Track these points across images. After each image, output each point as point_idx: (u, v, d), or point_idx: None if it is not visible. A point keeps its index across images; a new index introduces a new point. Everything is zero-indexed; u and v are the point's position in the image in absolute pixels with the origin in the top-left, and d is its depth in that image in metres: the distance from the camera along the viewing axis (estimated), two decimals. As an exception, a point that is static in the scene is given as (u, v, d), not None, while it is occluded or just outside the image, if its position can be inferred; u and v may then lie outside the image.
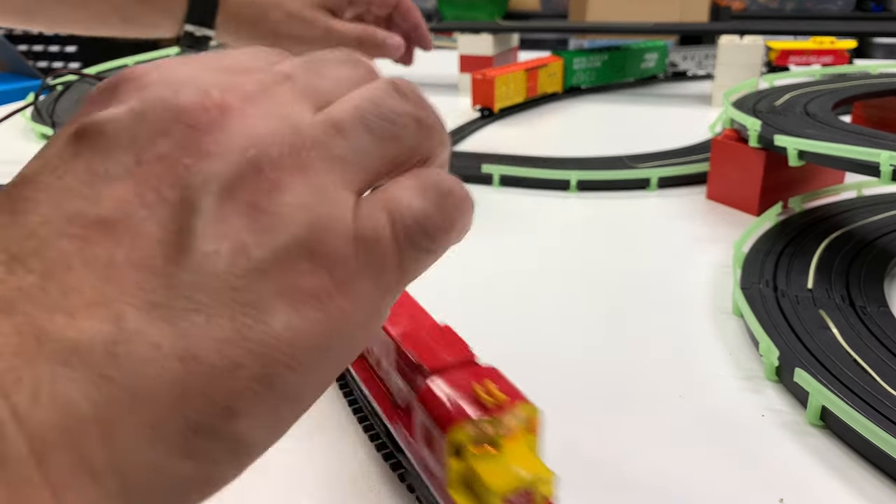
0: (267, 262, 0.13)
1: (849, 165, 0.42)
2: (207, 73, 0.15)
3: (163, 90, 0.14)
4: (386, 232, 0.15)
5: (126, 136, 0.14)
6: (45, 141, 0.77)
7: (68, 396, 0.11)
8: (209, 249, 0.13)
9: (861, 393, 0.29)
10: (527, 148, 0.71)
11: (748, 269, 0.41)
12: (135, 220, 0.13)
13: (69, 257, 0.12)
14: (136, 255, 0.13)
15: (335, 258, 0.14)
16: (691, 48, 1.12)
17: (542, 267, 0.47)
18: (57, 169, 0.14)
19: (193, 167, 0.13)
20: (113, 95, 0.15)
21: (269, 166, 0.14)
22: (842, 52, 0.97)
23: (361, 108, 0.16)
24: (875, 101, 0.66)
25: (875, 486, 0.27)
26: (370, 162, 0.15)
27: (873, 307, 0.37)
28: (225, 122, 0.14)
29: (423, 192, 0.16)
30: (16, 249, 0.13)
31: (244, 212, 0.13)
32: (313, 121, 0.15)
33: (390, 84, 0.16)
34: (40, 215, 0.13)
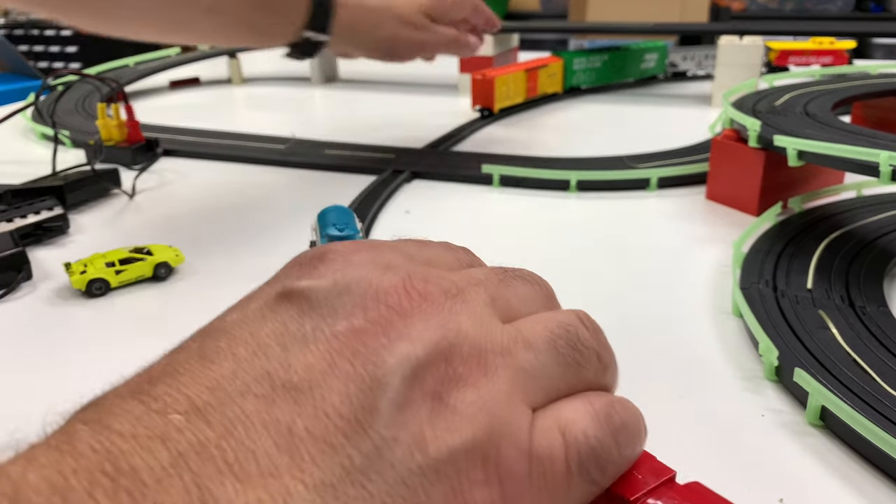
0: (442, 462, 0.13)
1: (848, 165, 0.42)
2: (411, 263, 0.16)
3: (370, 270, 0.15)
4: (560, 454, 0.14)
5: (328, 304, 0.14)
6: (46, 141, 0.77)
7: None
8: (389, 435, 0.13)
9: (861, 393, 0.29)
10: (527, 148, 0.71)
11: (748, 270, 0.41)
12: (322, 389, 0.13)
13: (250, 417, 0.12)
14: (317, 428, 0.13)
15: (509, 471, 0.13)
16: (691, 48, 1.12)
17: (542, 267, 0.47)
18: (254, 324, 0.14)
19: (389, 346, 0.14)
20: (319, 265, 0.16)
21: (458, 359, 0.14)
22: (841, 52, 0.97)
23: (553, 331, 0.16)
24: (874, 102, 0.66)
25: (875, 486, 0.27)
26: (551, 384, 0.15)
27: (873, 307, 0.37)
28: (424, 309, 0.15)
29: (598, 419, 0.15)
30: (199, 401, 0.13)
31: (428, 401, 0.13)
32: (504, 329, 0.15)
33: (579, 316, 0.17)
34: (229, 369, 0.13)
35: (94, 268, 0.42)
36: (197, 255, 0.47)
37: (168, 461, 0.11)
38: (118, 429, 0.12)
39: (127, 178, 0.62)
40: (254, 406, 0.13)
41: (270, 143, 0.74)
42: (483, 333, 0.15)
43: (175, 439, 0.12)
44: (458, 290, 0.16)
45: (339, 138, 0.76)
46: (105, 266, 0.42)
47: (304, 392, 0.13)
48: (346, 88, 1.09)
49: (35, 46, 1.96)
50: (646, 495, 0.17)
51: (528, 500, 0.14)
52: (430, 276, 0.16)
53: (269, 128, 0.80)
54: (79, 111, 0.87)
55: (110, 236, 0.52)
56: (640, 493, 0.17)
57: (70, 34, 1.94)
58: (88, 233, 0.53)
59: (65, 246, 0.50)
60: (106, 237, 0.52)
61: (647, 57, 1.07)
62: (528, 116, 0.90)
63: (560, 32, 2.04)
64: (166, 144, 0.71)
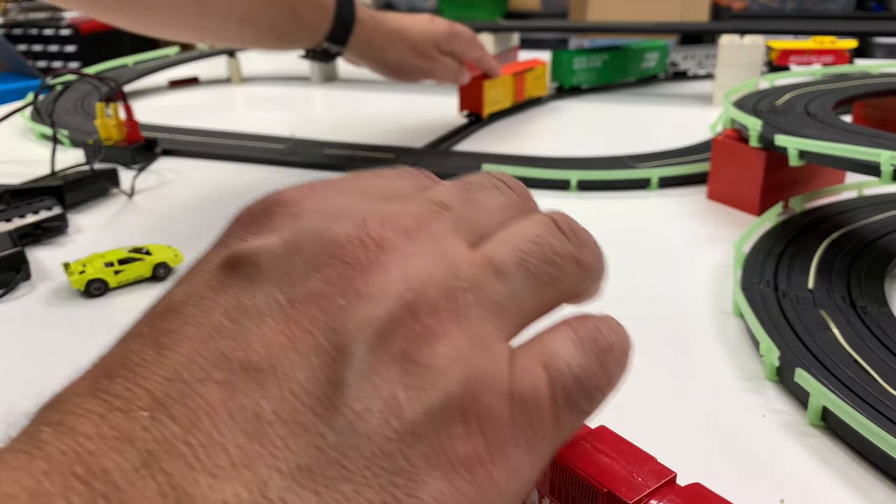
0: (420, 423, 0.12)
1: (849, 165, 0.42)
2: (363, 201, 0.15)
3: (318, 220, 0.14)
4: (544, 391, 0.14)
5: (279, 269, 0.13)
6: (44, 141, 0.77)
7: None
8: (360, 407, 0.12)
9: (862, 393, 0.29)
10: (527, 148, 0.71)
11: (749, 269, 0.41)
12: (284, 367, 0.12)
13: (214, 407, 0.12)
14: (285, 409, 0.12)
15: (491, 420, 0.13)
16: (692, 48, 1.12)
17: (543, 267, 0.47)
18: (204, 301, 0.13)
19: (348, 310, 0.13)
20: (264, 219, 0.15)
21: (426, 311, 0.13)
22: (842, 51, 0.97)
23: (521, 248, 0.15)
24: (876, 101, 0.66)
25: (876, 487, 0.27)
26: (527, 308, 0.15)
27: (874, 307, 0.37)
28: (382, 259, 0.13)
29: (583, 346, 0.15)
30: (160, 393, 0.12)
31: (398, 363, 0.13)
32: (472, 259, 0.14)
33: (551, 220, 0.16)
34: (185, 354, 0.12)
35: (92, 268, 0.42)
36: (196, 254, 0.47)
37: (139, 462, 0.11)
38: (83, 430, 0.11)
39: (126, 178, 0.62)
40: (216, 394, 0.12)
41: (270, 143, 0.74)
42: (449, 271, 0.14)
43: (142, 438, 0.11)
44: (419, 224, 0.14)
45: (338, 138, 0.76)
46: (104, 266, 0.42)
47: (265, 372, 0.12)
48: (346, 88, 1.09)
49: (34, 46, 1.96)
50: (647, 497, 0.17)
51: (514, 443, 0.13)
52: (386, 217, 0.14)
53: (268, 127, 0.80)
54: (78, 111, 0.87)
55: (109, 236, 0.52)
56: (641, 495, 0.17)
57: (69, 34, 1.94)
58: (87, 233, 0.53)
59: (63, 246, 0.50)
60: (105, 237, 0.52)
61: (647, 56, 1.07)
62: (528, 116, 0.90)
63: (560, 32, 2.04)
64: (165, 144, 0.71)
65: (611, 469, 0.18)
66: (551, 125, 0.87)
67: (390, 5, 2.68)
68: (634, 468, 0.18)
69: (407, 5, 2.66)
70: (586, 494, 0.18)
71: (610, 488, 0.17)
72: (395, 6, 2.67)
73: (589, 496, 0.18)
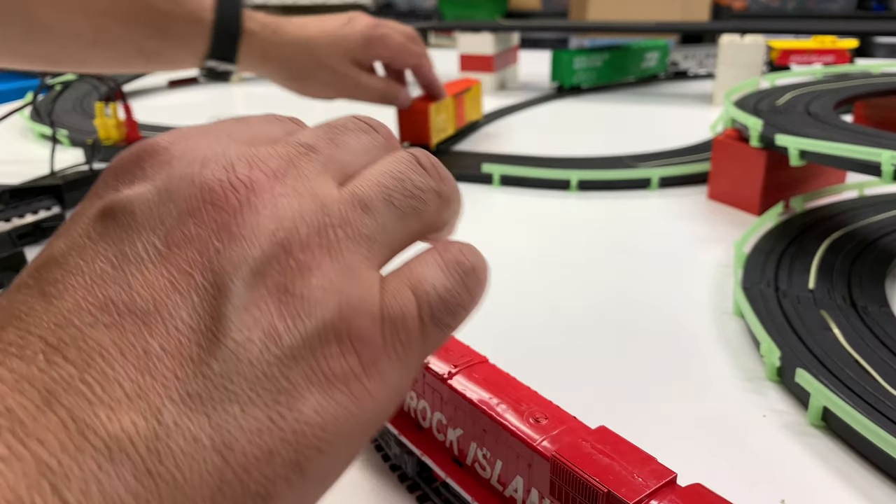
0: (297, 348, 0.13)
1: (850, 165, 0.42)
2: (231, 146, 0.15)
3: (188, 167, 0.15)
4: (412, 311, 0.15)
5: (154, 216, 0.14)
6: (44, 140, 0.77)
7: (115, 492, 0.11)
8: (241, 338, 0.13)
9: (862, 393, 0.29)
10: (527, 148, 0.71)
11: (749, 269, 0.41)
12: (167, 307, 0.13)
13: (105, 347, 0.13)
14: (171, 345, 0.13)
15: (363, 340, 0.14)
16: (692, 47, 1.12)
17: (542, 267, 0.47)
18: (85, 250, 0.14)
19: (223, 251, 0.14)
20: (136, 169, 0.15)
21: (297, 247, 0.14)
22: (843, 51, 0.97)
23: (385, 184, 0.16)
24: (876, 101, 0.66)
25: (876, 487, 0.27)
26: (394, 238, 0.16)
27: (875, 307, 0.37)
28: (252, 201, 0.14)
29: (447, 269, 0.16)
30: (52, 339, 0.13)
31: (274, 295, 0.14)
32: (340, 197, 0.15)
33: (412, 157, 0.17)
34: (72, 301, 0.13)
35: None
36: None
37: (40, 399, 0.12)
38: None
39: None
40: (106, 336, 0.13)
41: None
42: (318, 209, 0.15)
43: (41, 379, 0.12)
44: (287, 165, 0.15)
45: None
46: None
47: (150, 314, 0.13)
48: (347, 87, 1.09)
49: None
50: (647, 498, 0.17)
51: (386, 358, 0.15)
52: (254, 159, 0.15)
53: (268, 127, 0.80)
54: (77, 110, 0.87)
55: (109, 236, 0.52)
56: (642, 495, 0.17)
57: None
58: (87, 232, 0.52)
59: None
60: (104, 237, 0.51)
61: (648, 56, 1.07)
62: (527, 116, 0.90)
63: (560, 31, 2.04)
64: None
65: (611, 469, 0.18)
66: (551, 125, 0.87)
67: (390, 5, 2.68)
68: (635, 468, 0.18)
69: (407, 5, 2.66)
70: (587, 495, 0.18)
71: (610, 489, 0.17)
72: (396, 5, 2.67)
73: (589, 497, 0.18)
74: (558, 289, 0.43)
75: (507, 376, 0.23)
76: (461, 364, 0.23)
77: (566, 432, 0.20)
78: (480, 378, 0.22)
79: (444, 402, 0.23)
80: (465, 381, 0.22)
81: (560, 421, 0.20)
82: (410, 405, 0.25)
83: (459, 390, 0.22)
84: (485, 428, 0.21)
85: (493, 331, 0.38)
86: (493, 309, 0.41)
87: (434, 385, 0.23)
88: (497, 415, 0.21)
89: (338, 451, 0.14)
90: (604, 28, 1.32)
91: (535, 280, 0.45)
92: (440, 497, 0.25)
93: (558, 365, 0.35)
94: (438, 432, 0.24)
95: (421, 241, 0.17)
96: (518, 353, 0.36)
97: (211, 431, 0.13)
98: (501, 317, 0.40)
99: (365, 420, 0.14)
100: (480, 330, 0.29)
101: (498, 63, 1.02)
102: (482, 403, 0.21)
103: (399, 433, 0.25)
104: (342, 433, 0.14)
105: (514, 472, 0.21)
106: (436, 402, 0.23)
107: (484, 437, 0.21)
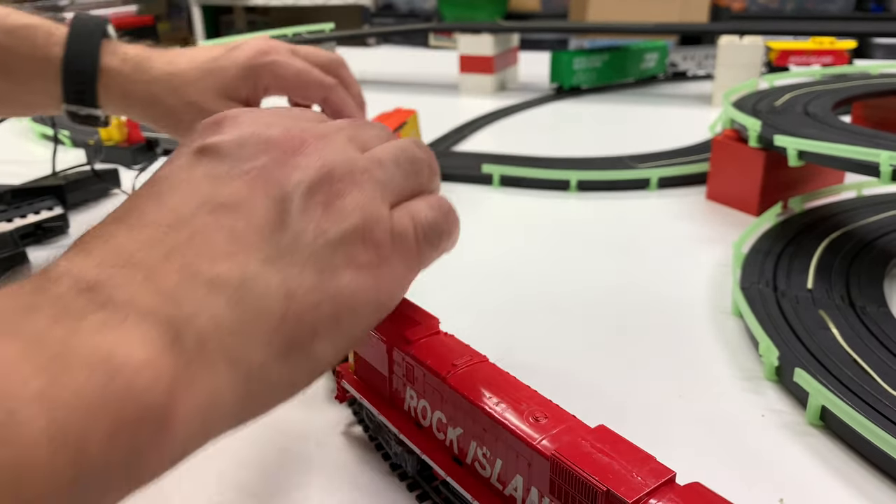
0: (336, 241, 0.20)
1: (848, 165, 0.42)
2: (286, 119, 0.22)
3: (258, 127, 0.21)
4: (410, 230, 0.22)
5: (235, 153, 0.20)
6: (46, 140, 0.77)
7: (217, 311, 0.17)
8: (300, 228, 0.19)
9: (861, 393, 0.29)
10: (527, 148, 0.71)
11: (748, 270, 0.41)
12: (248, 205, 0.19)
13: (207, 226, 0.18)
14: (252, 227, 0.19)
15: (378, 243, 0.20)
16: (691, 48, 1.12)
17: (542, 267, 0.47)
18: (185, 170, 0.20)
19: (287, 175, 0.20)
20: (217, 128, 0.21)
21: (336, 178, 0.20)
22: (842, 52, 0.97)
23: (395, 153, 0.23)
24: (875, 102, 0.66)
25: (874, 486, 0.27)
26: (400, 188, 0.22)
27: (873, 307, 0.37)
28: (304, 149, 0.21)
29: (433, 208, 0.23)
30: (169, 219, 0.18)
31: (321, 206, 0.20)
32: (362, 157, 0.22)
33: (413, 141, 0.24)
34: (179, 200, 0.19)
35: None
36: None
37: (163, 253, 0.18)
38: (118, 240, 0.18)
39: (127, 178, 0.62)
40: (206, 219, 0.19)
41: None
42: (348, 160, 0.21)
43: (162, 241, 0.18)
44: (325, 135, 0.22)
45: (339, 138, 0.76)
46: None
47: (236, 208, 0.19)
48: (346, 88, 1.09)
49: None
50: (646, 496, 0.17)
51: (395, 257, 0.21)
52: (303, 128, 0.22)
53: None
54: (79, 111, 0.87)
55: (110, 236, 0.52)
56: (641, 494, 0.17)
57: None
58: (88, 233, 0.53)
59: (65, 246, 0.50)
60: (106, 237, 0.51)
61: (647, 57, 1.07)
62: (527, 116, 0.90)
63: (560, 32, 2.04)
64: (166, 144, 0.71)
65: (610, 468, 0.18)
66: (551, 125, 0.87)
67: (390, 6, 2.68)
68: (634, 467, 0.18)
69: (407, 5, 2.66)
70: (586, 493, 0.18)
71: (609, 487, 0.17)
72: (395, 6, 2.67)
73: (589, 495, 0.18)
74: (558, 288, 0.44)
75: (506, 375, 0.23)
76: (461, 363, 0.23)
77: (565, 431, 0.20)
78: (480, 377, 0.23)
79: (445, 401, 0.23)
80: (466, 380, 0.23)
81: (559, 420, 0.20)
82: (411, 404, 0.25)
83: (460, 389, 0.22)
84: (485, 427, 0.21)
85: (492, 330, 0.38)
86: (493, 308, 0.42)
87: (434, 384, 0.23)
88: (497, 414, 0.21)
89: (362, 314, 0.20)
90: (603, 29, 1.32)
91: (535, 280, 0.45)
92: (440, 496, 0.25)
93: (558, 364, 0.35)
94: (438, 431, 0.24)
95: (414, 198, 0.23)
96: (518, 352, 0.36)
97: (279, 282, 0.18)
98: (501, 316, 0.40)
99: (381, 297, 0.21)
100: (480, 329, 0.30)
101: (498, 64, 1.02)
102: (482, 402, 0.21)
103: (399, 432, 0.25)
104: (366, 302, 0.20)
105: (513, 470, 0.21)
106: (436, 401, 0.24)
107: (484, 436, 0.22)
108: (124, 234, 0.18)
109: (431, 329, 0.25)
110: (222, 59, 0.45)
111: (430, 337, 0.25)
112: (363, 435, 0.30)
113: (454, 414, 0.23)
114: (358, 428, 0.30)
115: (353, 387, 0.28)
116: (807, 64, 0.99)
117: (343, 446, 0.29)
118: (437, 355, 0.24)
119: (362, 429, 0.30)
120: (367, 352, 0.27)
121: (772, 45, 1.00)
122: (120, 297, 0.16)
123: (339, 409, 0.31)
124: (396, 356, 0.25)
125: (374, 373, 0.27)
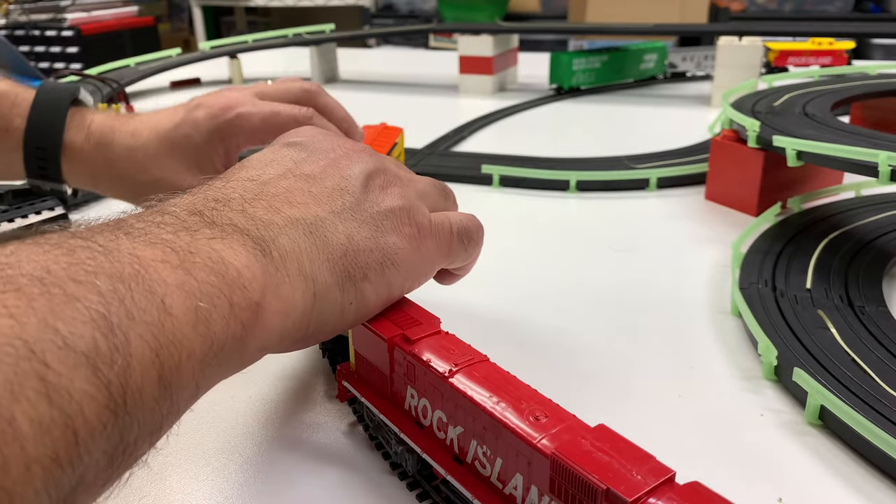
0: (387, 211, 0.27)
1: (847, 166, 0.42)
2: (336, 138, 0.30)
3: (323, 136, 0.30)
4: (447, 225, 0.29)
5: (313, 147, 0.29)
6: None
7: (296, 237, 0.24)
8: (360, 198, 0.27)
9: (859, 392, 0.29)
10: (527, 148, 0.71)
11: (747, 269, 0.42)
12: (322, 179, 0.27)
13: (289, 185, 0.26)
14: (324, 191, 0.26)
15: (420, 224, 0.27)
16: (690, 49, 1.12)
17: (542, 267, 0.47)
18: (272, 153, 0.28)
19: (351, 166, 0.28)
20: (296, 136, 0.30)
21: (387, 175, 0.28)
22: (840, 52, 0.98)
23: (432, 182, 0.31)
24: (873, 102, 0.66)
25: (873, 486, 0.27)
26: (434, 201, 0.30)
27: (872, 307, 0.37)
28: (359, 153, 0.29)
29: (468, 218, 0.30)
30: (257, 178, 0.26)
31: (377, 189, 0.27)
32: (407, 172, 0.30)
33: (438, 181, 0.32)
34: (268, 168, 0.27)
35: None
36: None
37: (252, 196, 0.25)
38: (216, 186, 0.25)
39: (127, 179, 0.62)
40: (289, 181, 0.26)
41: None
42: (397, 168, 0.29)
43: (252, 189, 0.25)
44: (371, 150, 0.30)
45: (339, 139, 0.76)
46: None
47: (312, 179, 0.27)
48: (347, 88, 1.09)
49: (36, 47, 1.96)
50: (646, 495, 0.17)
51: (430, 239, 0.28)
52: (348, 143, 0.30)
53: (269, 128, 0.80)
54: (79, 112, 0.87)
55: (111, 236, 0.52)
56: (641, 493, 0.17)
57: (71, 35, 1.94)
58: (89, 233, 0.53)
59: (65, 246, 0.50)
60: (106, 237, 0.51)
61: (646, 57, 1.07)
62: (527, 116, 0.90)
63: (560, 33, 2.04)
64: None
65: (610, 467, 0.18)
66: (551, 125, 0.87)
67: (390, 7, 2.68)
68: (634, 466, 0.18)
69: (407, 6, 2.66)
70: (586, 492, 0.18)
71: (609, 486, 0.17)
72: (395, 7, 2.67)
73: (588, 494, 0.18)
74: (557, 288, 0.44)
75: (507, 375, 0.23)
76: (462, 363, 0.23)
77: (565, 430, 0.20)
78: (481, 377, 0.23)
79: (445, 401, 0.23)
80: (466, 379, 0.23)
81: (559, 419, 0.20)
82: (411, 403, 0.25)
83: (460, 388, 0.22)
84: (485, 426, 0.21)
85: (492, 330, 0.38)
86: (493, 308, 0.42)
87: (435, 383, 0.23)
88: (497, 413, 0.21)
89: (401, 270, 0.26)
90: (602, 30, 1.32)
91: (534, 280, 0.45)
92: (440, 494, 0.25)
93: (557, 363, 0.35)
94: (439, 430, 0.24)
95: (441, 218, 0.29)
96: (518, 351, 0.36)
97: (343, 229, 0.25)
98: (501, 316, 0.40)
99: (417, 261, 0.27)
100: (481, 329, 0.30)
101: (497, 65, 1.02)
102: (482, 402, 0.22)
103: (400, 431, 0.25)
104: (405, 261, 0.26)
105: (513, 469, 0.21)
106: (436, 400, 0.24)
107: (484, 435, 0.22)
108: (220, 183, 0.25)
109: (432, 328, 0.25)
110: (184, 126, 0.41)
111: (431, 336, 0.25)
112: (363, 434, 0.30)
113: (454, 413, 0.23)
114: (358, 427, 0.30)
115: (354, 386, 0.28)
116: (805, 64, 0.99)
117: (343, 445, 0.29)
118: (437, 354, 0.24)
119: (363, 428, 0.30)
120: (368, 351, 0.27)
121: (770, 46, 1.00)
122: (220, 220, 0.22)
123: (340, 408, 0.32)
124: (397, 355, 0.25)
125: (374, 372, 0.27)
